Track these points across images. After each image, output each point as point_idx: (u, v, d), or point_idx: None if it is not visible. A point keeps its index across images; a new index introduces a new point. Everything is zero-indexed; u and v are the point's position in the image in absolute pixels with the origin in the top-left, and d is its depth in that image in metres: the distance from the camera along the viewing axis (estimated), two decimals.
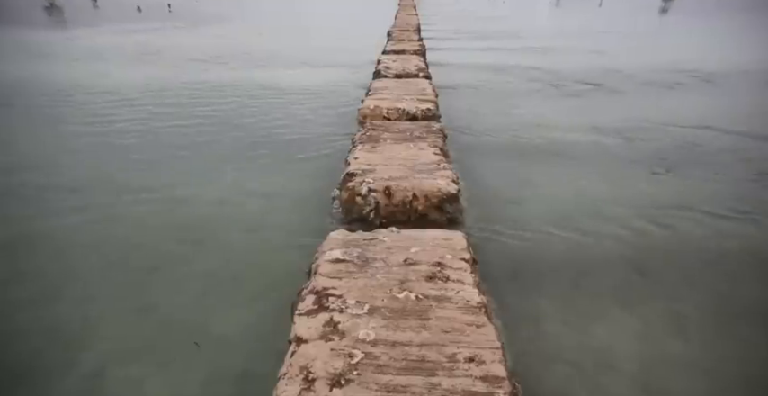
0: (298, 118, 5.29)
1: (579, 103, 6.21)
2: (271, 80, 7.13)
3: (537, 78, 7.58)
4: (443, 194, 2.63)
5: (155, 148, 4.32)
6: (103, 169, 3.89)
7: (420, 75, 5.62)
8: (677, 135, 4.82)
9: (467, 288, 1.81)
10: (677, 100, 6.50)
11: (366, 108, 4.16)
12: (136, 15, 16.98)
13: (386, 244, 2.11)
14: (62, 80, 6.79)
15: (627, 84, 7.22)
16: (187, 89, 6.49)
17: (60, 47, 9.92)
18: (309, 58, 9.36)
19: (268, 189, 3.57)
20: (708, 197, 3.45)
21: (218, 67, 8.23)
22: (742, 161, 4.17)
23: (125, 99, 5.92)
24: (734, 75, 7.75)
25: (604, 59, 9.60)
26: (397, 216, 2.66)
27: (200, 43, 11.19)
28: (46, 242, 2.88)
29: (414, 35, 9.69)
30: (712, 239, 2.92)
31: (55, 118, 5.19)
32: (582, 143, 4.63)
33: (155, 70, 7.80)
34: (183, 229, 3.02)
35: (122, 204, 3.31)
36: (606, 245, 2.84)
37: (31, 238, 2.92)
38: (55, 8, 17.68)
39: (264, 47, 10.93)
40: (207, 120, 5.15)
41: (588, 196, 3.46)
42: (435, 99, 4.50)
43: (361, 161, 3.02)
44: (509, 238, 2.84)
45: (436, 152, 3.18)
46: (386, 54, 7.17)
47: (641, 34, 14.86)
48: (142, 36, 11.70)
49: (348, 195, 2.74)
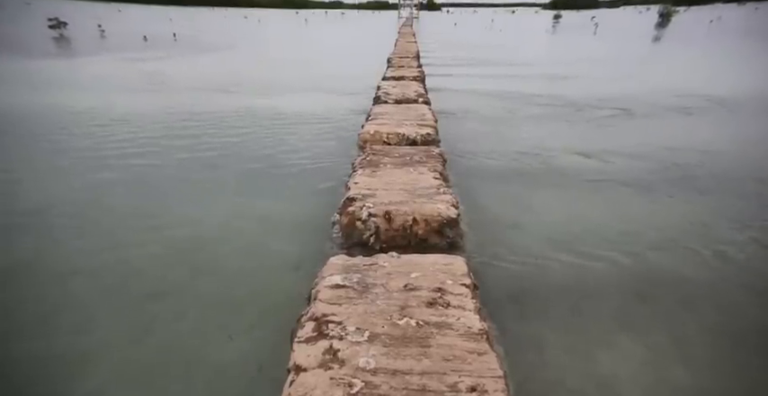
0: (298, 143, 5.35)
1: (579, 128, 6.28)
2: (272, 106, 7.25)
3: (536, 104, 7.70)
4: (443, 219, 2.63)
5: (155, 174, 4.35)
6: (103, 194, 3.91)
7: (420, 100, 5.70)
8: (680, 159, 4.83)
9: (468, 314, 1.78)
10: (678, 124, 6.56)
11: (366, 133, 4.20)
12: (142, 45, 17.42)
13: (386, 269, 2.10)
14: (68, 109, 6.90)
15: (626, 108, 7.32)
16: (188, 116, 6.59)
17: (68, 76, 10.13)
18: (310, 85, 9.55)
19: (268, 214, 3.58)
20: (712, 223, 3.44)
21: (220, 93, 8.38)
22: (749, 187, 4.16)
23: (127, 126, 6.01)
24: (731, 100, 7.88)
25: (602, 85, 9.77)
26: (398, 241, 2.65)
27: (203, 71, 11.45)
28: (44, 268, 2.87)
29: (413, 62, 9.89)
30: (715, 266, 2.89)
31: (58, 145, 5.25)
32: (582, 167, 4.66)
33: (158, 98, 7.95)
34: (183, 254, 3.01)
35: (122, 230, 3.32)
36: (608, 270, 2.81)
37: (30, 263, 2.91)
38: (63, 38, 18.16)
39: (266, 74, 11.17)
40: (207, 146, 5.21)
41: (589, 221, 3.46)
42: (435, 124, 4.55)
43: (361, 186, 3.04)
44: (510, 262, 2.83)
45: (436, 176, 3.19)
46: (386, 80, 7.29)
47: (637, 60, 15.18)
48: (148, 65, 11.98)
49: (348, 220, 2.74)
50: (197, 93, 8.39)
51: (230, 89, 8.79)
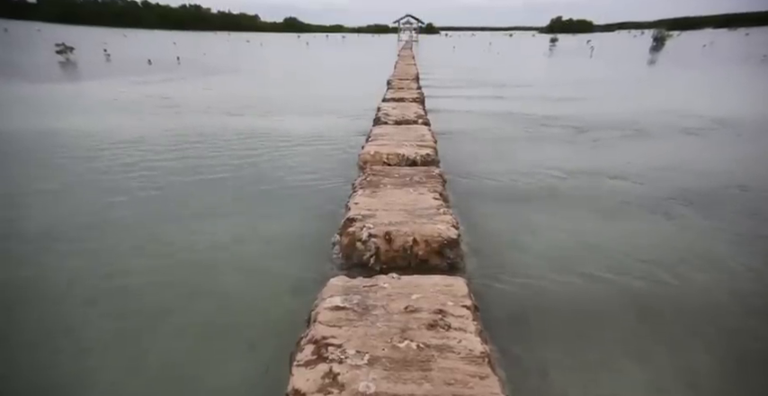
0: (299, 164, 5.39)
1: (578, 149, 6.33)
2: (273, 128, 7.33)
3: (536, 124, 7.78)
4: (444, 239, 2.63)
5: (155, 196, 4.35)
6: (103, 217, 3.91)
7: (419, 121, 5.77)
8: (683, 180, 4.85)
9: (469, 337, 1.76)
10: (680, 144, 6.61)
11: (366, 153, 4.24)
12: (146, 68, 17.74)
13: (386, 290, 2.08)
14: (70, 132, 6.95)
15: (625, 129, 7.39)
16: (190, 138, 6.65)
17: (70, 99, 10.25)
18: (311, 106, 9.68)
19: (268, 234, 3.57)
20: (717, 245, 3.42)
21: (221, 115, 8.49)
22: (754, 208, 4.14)
23: (128, 148, 6.06)
24: (732, 121, 7.96)
25: (602, 106, 9.90)
26: (398, 261, 2.64)
27: (205, 94, 11.63)
28: (42, 290, 2.85)
29: (413, 84, 10.05)
30: (720, 288, 2.86)
31: (61, 167, 5.28)
32: (582, 188, 4.67)
33: (160, 120, 8.04)
34: (182, 275, 2.99)
35: (121, 251, 3.31)
36: (610, 292, 2.79)
37: (29, 284, 2.89)
38: (69, 63, 18.50)
39: (268, 96, 11.34)
40: (208, 167, 5.24)
41: (590, 242, 3.45)
42: (434, 145, 4.59)
43: (361, 206, 3.04)
44: (511, 284, 2.80)
45: (436, 197, 3.21)
46: (386, 101, 7.39)
47: (635, 82, 15.44)
48: (151, 87, 12.17)
49: (348, 240, 2.74)
50: (198, 115, 8.50)
51: (231, 111, 8.90)
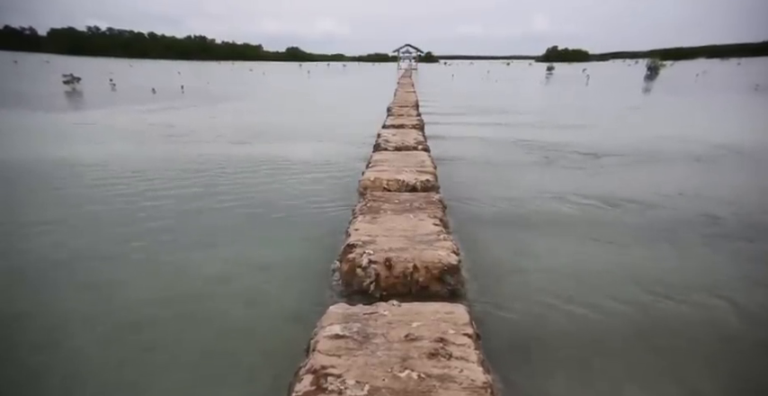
0: (299, 189, 5.41)
1: (577, 175, 6.35)
2: (274, 154, 7.41)
3: (534, 151, 7.86)
4: (444, 266, 2.62)
5: (155, 221, 4.35)
6: (103, 242, 3.90)
7: (419, 147, 5.83)
8: (686, 206, 4.85)
9: (471, 366, 1.73)
10: (679, 171, 6.63)
11: (367, 179, 4.27)
12: (151, 97, 18.08)
13: (386, 318, 2.06)
14: (74, 161, 6.96)
15: (626, 155, 7.45)
16: (191, 165, 6.70)
17: (71, 129, 10.34)
18: (312, 133, 9.80)
19: (268, 261, 3.55)
20: (721, 272, 3.39)
21: (224, 142, 8.59)
22: (758, 235, 4.12)
23: (133, 173, 6.11)
24: (735, 147, 8.04)
25: (599, 133, 10.02)
26: (398, 288, 2.62)
27: (207, 121, 11.81)
28: (39, 317, 2.81)
29: (412, 110, 10.22)
30: (725, 317, 2.82)
31: (60, 192, 5.30)
32: (583, 214, 4.66)
33: (162, 148, 8.13)
34: (181, 303, 2.96)
35: (120, 277, 3.28)
36: (614, 320, 2.74)
37: (26, 314, 2.86)
38: (75, 92, 18.88)
39: (270, 123, 11.50)
40: (209, 194, 5.26)
41: (593, 269, 3.42)
42: (434, 171, 4.63)
43: (361, 232, 3.04)
44: (512, 311, 2.76)
45: (436, 223, 3.21)
46: (386, 128, 7.50)
47: (631, 110, 15.67)
48: (154, 116, 12.35)
49: (348, 267, 2.72)
50: (200, 142, 8.60)
51: (232, 139, 9.01)
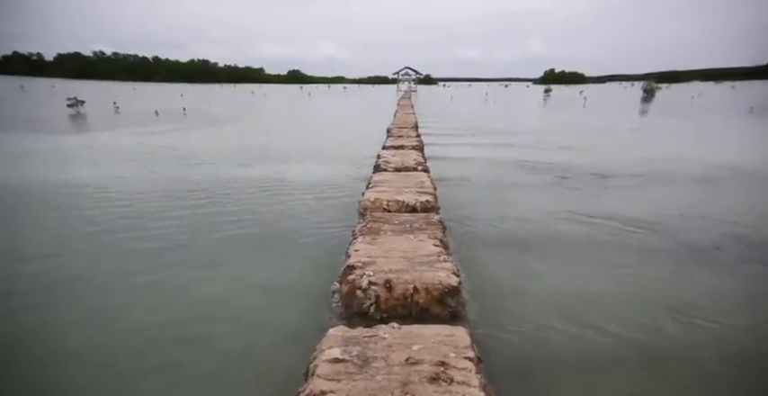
0: (300, 210, 5.41)
1: (576, 195, 6.36)
2: (275, 175, 7.44)
3: (533, 171, 7.89)
4: (444, 287, 2.59)
5: (156, 243, 4.34)
6: (104, 264, 3.88)
7: (419, 168, 5.86)
8: (687, 227, 4.83)
9: (473, 391, 1.69)
10: (677, 192, 6.63)
11: (367, 200, 4.27)
12: (153, 119, 18.28)
13: (386, 341, 2.02)
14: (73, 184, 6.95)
15: (626, 176, 7.47)
16: (192, 185, 6.74)
17: (81, 151, 10.40)
18: (313, 154, 9.87)
19: (268, 282, 3.52)
20: (724, 294, 3.36)
21: (226, 163, 8.64)
22: (760, 256, 4.09)
23: (133, 195, 6.12)
24: (737, 168, 8.09)
25: (599, 154, 10.08)
26: (398, 310, 2.59)
27: (209, 143, 11.90)
28: (38, 340, 2.77)
29: (412, 132, 10.30)
30: (729, 340, 2.78)
31: (62, 215, 5.30)
32: (584, 235, 4.66)
33: (165, 169, 8.17)
34: (179, 326, 2.92)
35: (119, 300, 3.25)
36: (615, 342, 2.71)
37: (25, 334, 2.82)
38: (79, 115, 19.11)
39: (270, 145, 11.59)
40: (208, 215, 5.26)
41: (594, 290, 3.40)
42: (434, 191, 4.64)
43: (361, 253, 3.02)
44: (514, 334, 2.73)
45: (436, 244, 3.19)
46: (385, 149, 7.55)
47: (629, 131, 15.84)
48: (155, 138, 12.45)
49: (348, 289, 2.69)
50: (200, 163, 8.64)
51: (234, 160, 9.06)
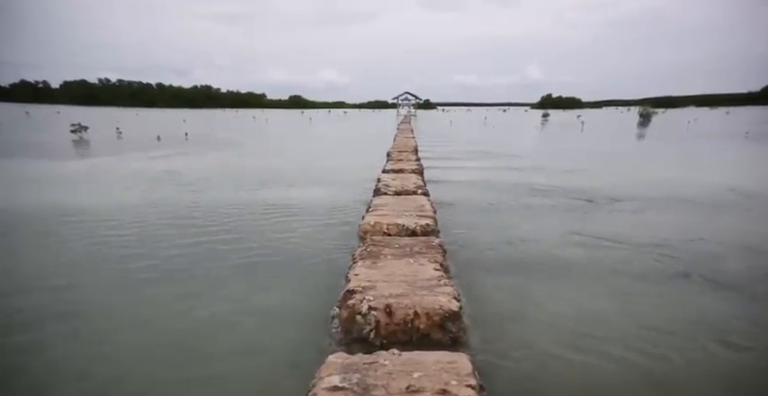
0: (299, 234, 5.39)
1: (578, 219, 6.33)
2: (275, 198, 7.46)
3: (533, 195, 7.90)
4: (445, 312, 2.56)
5: (155, 268, 4.31)
6: (102, 289, 3.84)
7: (418, 192, 5.87)
8: (689, 251, 4.80)
9: None
10: (679, 216, 6.60)
11: (367, 224, 4.27)
12: (156, 144, 18.43)
13: (387, 368, 1.98)
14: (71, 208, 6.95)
15: (626, 200, 7.45)
16: (192, 209, 6.74)
17: (81, 177, 10.43)
18: (313, 177, 9.92)
19: (266, 308, 3.48)
20: (726, 320, 3.30)
21: (226, 188, 8.66)
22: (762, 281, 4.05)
23: (132, 220, 6.11)
24: (740, 190, 8.10)
25: (599, 177, 10.11)
26: (399, 335, 2.55)
27: (212, 166, 11.98)
28: (27, 370, 2.71)
29: (411, 155, 10.38)
30: (731, 366, 2.73)
31: (59, 242, 5.24)
32: (585, 258, 4.62)
33: (167, 192, 8.19)
34: (176, 353, 2.86)
35: (116, 325, 3.20)
36: (618, 368, 2.65)
37: (15, 364, 2.76)
38: (82, 141, 19.29)
39: (271, 167, 11.66)
40: (209, 239, 5.23)
41: (596, 314, 3.35)
42: (434, 215, 4.63)
43: (361, 277, 3.00)
44: (516, 360, 2.67)
45: (436, 268, 3.17)
46: (385, 173, 7.59)
47: (626, 155, 15.99)
48: (156, 162, 12.52)
49: (348, 314, 2.66)
50: (200, 188, 8.66)
51: (234, 184, 9.09)
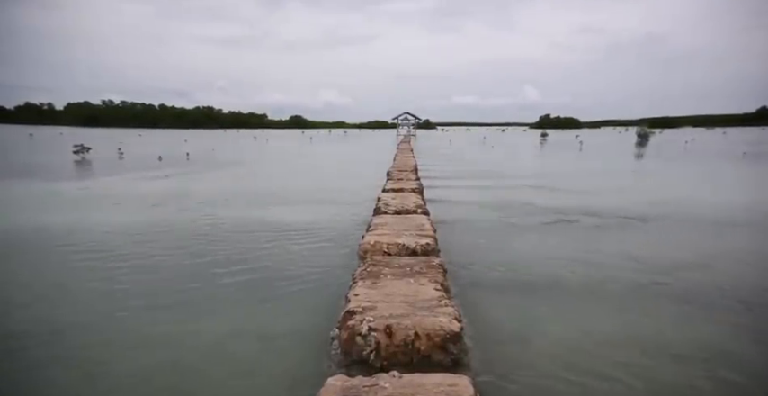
0: (299, 254, 5.37)
1: (577, 238, 6.33)
2: (275, 218, 7.46)
3: (533, 214, 7.90)
4: (446, 333, 2.52)
5: (153, 289, 4.28)
6: (98, 311, 3.80)
7: (418, 211, 5.86)
8: (689, 270, 4.78)
9: None
10: (679, 235, 6.60)
11: (367, 243, 4.25)
12: (157, 164, 18.54)
13: (387, 391, 1.95)
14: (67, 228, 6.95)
15: (626, 219, 7.46)
16: (191, 229, 6.73)
17: (80, 197, 10.46)
18: (313, 197, 9.94)
19: (264, 328, 3.44)
20: (728, 341, 3.27)
21: (227, 206, 8.67)
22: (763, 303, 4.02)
23: (129, 241, 6.08)
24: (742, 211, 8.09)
25: (598, 197, 10.13)
26: (399, 357, 2.50)
27: (212, 186, 12.01)
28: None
29: (411, 175, 10.41)
30: (733, 386, 2.69)
31: (57, 262, 5.23)
32: (586, 278, 4.60)
33: (166, 213, 8.19)
34: (173, 376, 2.82)
35: (109, 349, 3.16)
36: (619, 390, 2.62)
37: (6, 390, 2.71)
38: (84, 161, 19.41)
39: (272, 187, 11.70)
40: (208, 259, 5.22)
41: (597, 336, 3.32)
42: (434, 234, 4.61)
43: (361, 298, 2.97)
44: (518, 383, 2.63)
45: (437, 288, 3.14)
46: (385, 192, 7.59)
47: (626, 174, 16.07)
48: (156, 183, 12.58)
49: (348, 335, 2.62)
50: (200, 208, 8.64)
51: (234, 203, 9.11)
